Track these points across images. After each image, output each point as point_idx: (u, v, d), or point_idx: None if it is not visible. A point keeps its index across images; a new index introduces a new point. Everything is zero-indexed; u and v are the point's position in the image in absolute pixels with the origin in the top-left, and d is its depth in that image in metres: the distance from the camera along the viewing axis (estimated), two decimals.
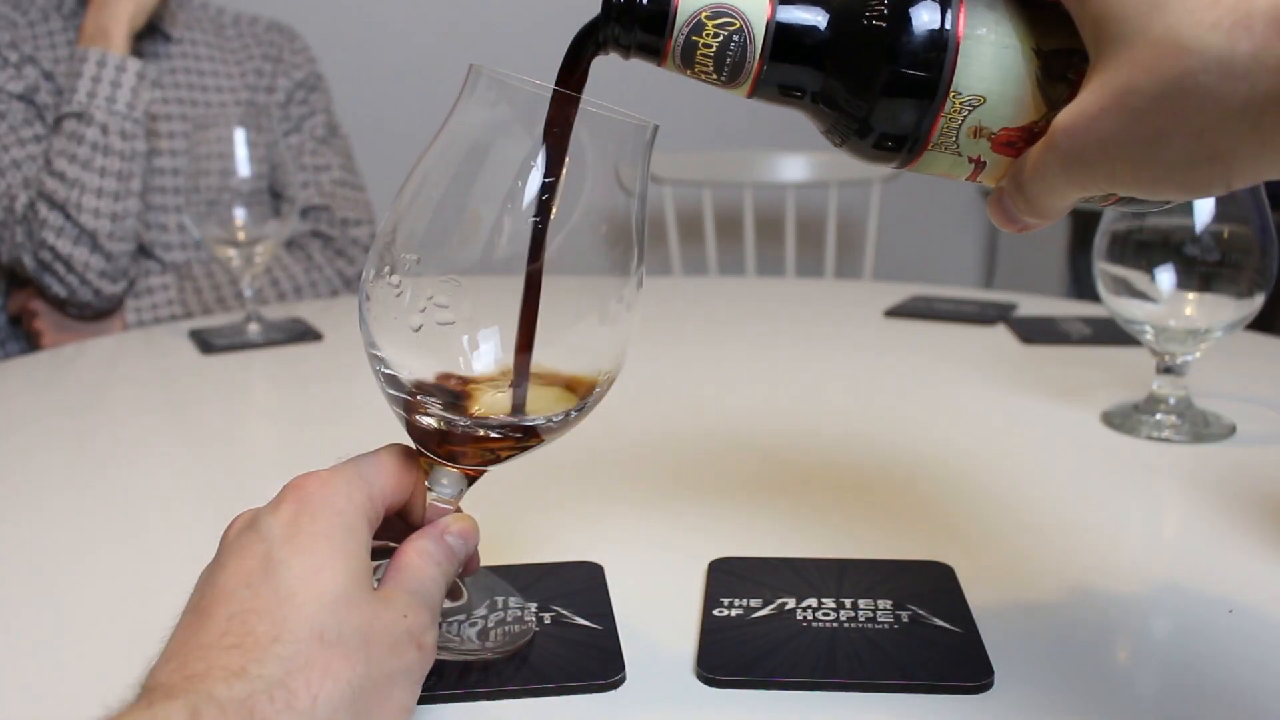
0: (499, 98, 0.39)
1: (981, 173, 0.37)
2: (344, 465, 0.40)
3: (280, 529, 0.36)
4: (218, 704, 0.31)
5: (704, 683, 0.42)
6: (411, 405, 0.40)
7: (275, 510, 0.37)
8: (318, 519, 0.37)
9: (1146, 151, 0.31)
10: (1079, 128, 0.32)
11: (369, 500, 0.39)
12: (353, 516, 0.38)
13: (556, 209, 0.39)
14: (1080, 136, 0.32)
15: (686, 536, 0.55)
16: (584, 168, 0.39)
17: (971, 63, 0.35)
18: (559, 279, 0.40)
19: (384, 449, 0.41)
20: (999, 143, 0.36)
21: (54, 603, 0.50)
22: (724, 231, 2.18)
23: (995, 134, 0.36)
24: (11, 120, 1.24)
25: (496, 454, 0.42)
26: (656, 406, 0.81)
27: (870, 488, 0.63)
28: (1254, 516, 0.57)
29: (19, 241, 1.22)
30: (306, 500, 0.37)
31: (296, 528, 0.36)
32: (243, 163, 0.99)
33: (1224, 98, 0.29)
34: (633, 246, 0.41)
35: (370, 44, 2.18)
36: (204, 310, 1.27)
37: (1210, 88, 0.29)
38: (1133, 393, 0.76)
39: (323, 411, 0.84)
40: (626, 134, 0.40)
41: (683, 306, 1.21)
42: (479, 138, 0.40)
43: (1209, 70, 0.29)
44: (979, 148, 0.37)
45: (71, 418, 0.82)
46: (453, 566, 0.41)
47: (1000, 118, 0.36)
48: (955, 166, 0.37)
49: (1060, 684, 0.42)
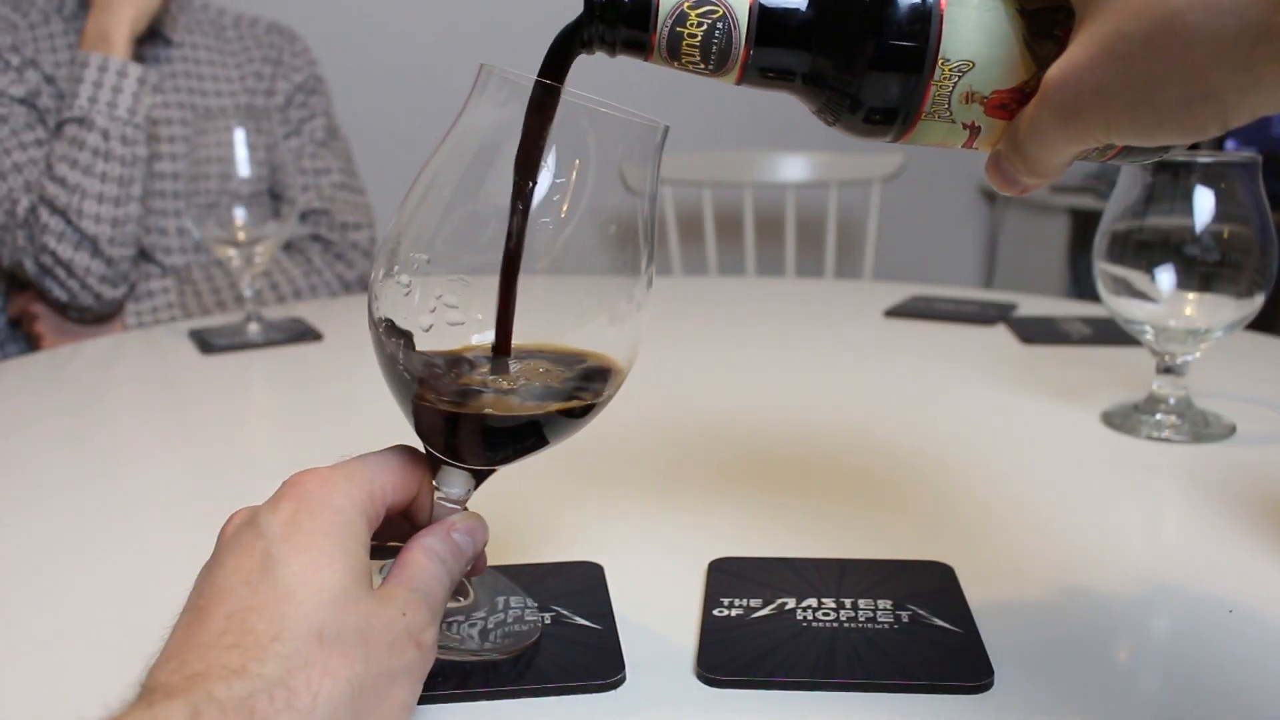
0: (509, 97, 0.39)
1: (977, 138, 0.37)
2: (344, 463, 0.40)
3: (279, 526, 0.36)
4: (218, 704, 0.31)
5: (704, 683, 0.42)
6: (421, 388, 0.40)
7: (274, 508, 0.37)
8: (316, 516, 0.37)
9: (1140, 96, 0.31)
10: (1071, 80, 0.32)
11: (369, 498, 0.39)
12: (351, 514, 0.38)
13: (566, 209, 0.39)
14: (1073, 88, 0.32)
15: (686, 536, 0.55)
16: (591, 168, 0.39)
17: (958, 28, 0.35)
18: (569, 279, 0.40)
19: (386, 449, 0.41)
20: (992, 105, 0.36)
21: (54, 603, 0.50)
22: (724, 231, 2.18)
23: (988, 97, 0.36)
24: (13, 124, 1.24)
25: (501, 449, 0.42)
26: (657, 406, 0.81)
27: (870, 488, 0.63)
28: (1254, 516, 0.57)
29: (20, 245, 1.22)
30: (305, 497, 0.37)
31: (295, 525, 0.36)
32: (242, 163, 0.99)
33: (1213, 34, 0.29)
34: (641, 247, 0.41)
35: (370, 44, 2.18)
36: (204, 313, 1.27)
37: (1198, 25, 0.29)
38: (1133, 393, 0.76)
39: (323, 411, 0.84)
40: (636, 134, 0.40)
41: (683, 306, 1.21)
42: (489, 137, 0.40)
43: (1195, 8, 0.29)
44: (972, 113, 0.37)
45: (71, 418, 0.82)
46: (459, 564, 0.41)
47: (991, 80, 0.36)
48: (950, 134, 0.37)
49: (1060, 684, 0.42)
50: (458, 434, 0.41)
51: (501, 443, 0.41)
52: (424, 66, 2.20)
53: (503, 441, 0.41)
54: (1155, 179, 0.68)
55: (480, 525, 0.42)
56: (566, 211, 0.39)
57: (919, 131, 0.37)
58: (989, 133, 0.37)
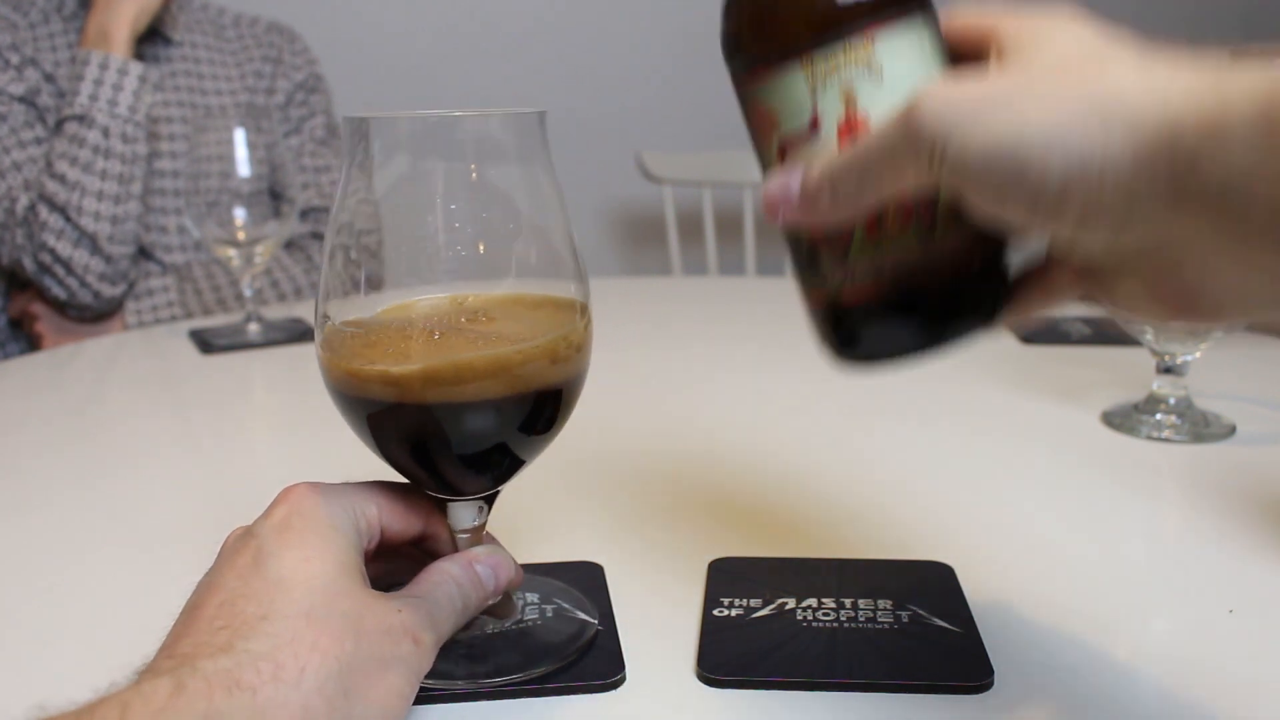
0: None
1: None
2: (338, 483, 0.41)
3: (271, 528, 0.37)
4: (203, 675, 0.31)
5: (704, 683, 0.42)
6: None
7: (268, 515, 0.38)
8: (307, 518, 0.37)
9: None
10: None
11: (360, 513, 0.40)
12: (342, 519, 0.38)
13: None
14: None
15: (686, 536, 0.55)
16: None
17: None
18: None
19: (381, 481, 0.42)
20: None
21: (54, 603, 0.50)
22: (724, 231, 2.18)
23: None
24: (12, 122, 1.24)
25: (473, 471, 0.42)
26: (656, 406, 0.81)
27: (870, 488, 0.63)
28: (1254, 516, 0.57)
29: (19, 243, 1.22)
30: (297, 502, 0.38)
31: (286, 525, 0.37)
32: (242, 163, 0.99)
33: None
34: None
35: (370, 44, 2.18)
36: (204, 312, 1.27)
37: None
38: (1133, 393, 0.76)
39: (323, 412, 0.83)
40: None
41: (683, 306, 1.21)
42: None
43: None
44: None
45: (71, 418, 0.82)
46: (476, 594, 0.41)
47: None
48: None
49: (1060, 684, 0.42)
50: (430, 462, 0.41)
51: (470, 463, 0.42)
52: (424, 66, 2.20)
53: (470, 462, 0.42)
54: None
55: (505, 561, 0.42)
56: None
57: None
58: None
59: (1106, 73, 0.30)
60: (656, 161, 1.96)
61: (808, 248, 0.38)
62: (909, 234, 0.36)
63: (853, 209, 0.35)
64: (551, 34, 2.25)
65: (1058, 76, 0.30)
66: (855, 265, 0.37)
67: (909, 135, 0.31)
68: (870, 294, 0.37)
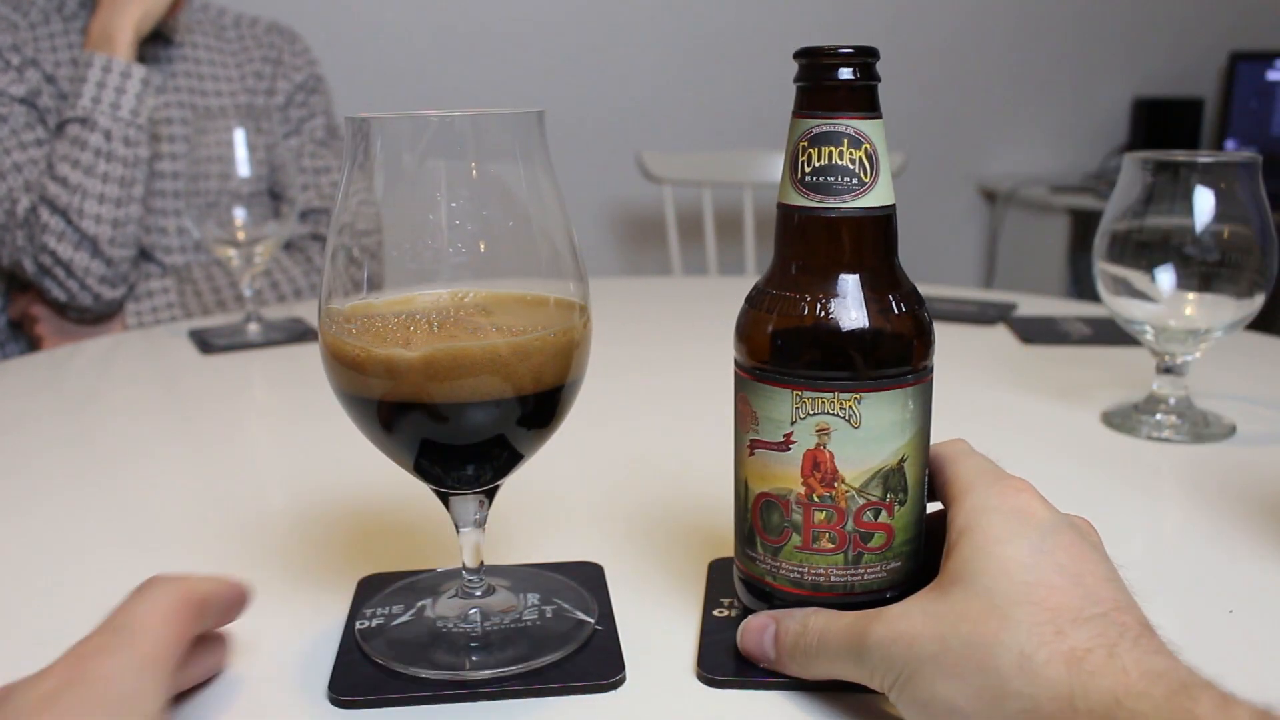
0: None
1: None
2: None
3: (36, 700, 0.33)
4: None
5: (704, 683, 0.42)
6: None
7: (42, 675, 0.34)
8: (86, 692, 0.33)
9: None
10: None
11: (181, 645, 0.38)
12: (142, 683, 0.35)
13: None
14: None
15: (686, 536, 0.55)
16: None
17: None
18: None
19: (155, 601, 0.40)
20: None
21: (54, 603, 0.50)
22: (724, 231, 2.18)
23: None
24: (13, 123, 1.24)
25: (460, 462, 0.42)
26: (656, 406, 0.81)
27: None
28: (1254, 516, 0.57)
29: (19, 245, 1.22)
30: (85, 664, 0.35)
31: (54, 699, 0.33)
32: (242, 163, 0.99)
33: None
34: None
35: (370, 44, 2.18)
36: (204, 312, 1.27)
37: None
38: (1133, 393, 0.76)
39: (322, 411, 0.83)
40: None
41: (683, 306, 1.21)
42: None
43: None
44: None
45: (71, 418, 0.82)
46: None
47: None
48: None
49: None
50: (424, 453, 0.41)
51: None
52: (424, 66, 2.20)
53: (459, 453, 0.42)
54: (1155, 179, 0.68)
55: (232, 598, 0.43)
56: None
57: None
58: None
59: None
60: (656, 161, 1.96)
61: (748, 530, 0.43)
62: (836, 557, 0.41)
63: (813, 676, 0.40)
64: (551, 34, 2.25)
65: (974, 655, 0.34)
66: (781, 563, 0.42)
67: (859, 660, 0.37)
68: (788, 593, 0.42)
